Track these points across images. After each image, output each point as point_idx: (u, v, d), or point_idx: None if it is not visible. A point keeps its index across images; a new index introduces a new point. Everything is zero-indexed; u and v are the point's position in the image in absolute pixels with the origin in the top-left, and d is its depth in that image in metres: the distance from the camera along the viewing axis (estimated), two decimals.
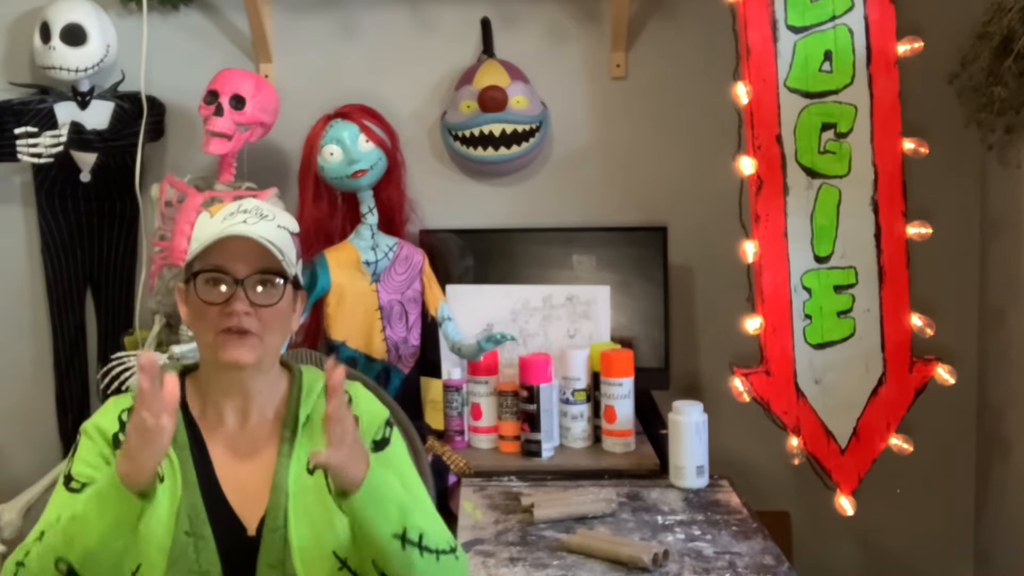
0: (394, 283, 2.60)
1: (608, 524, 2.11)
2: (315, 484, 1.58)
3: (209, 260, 1.54)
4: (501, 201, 2.86)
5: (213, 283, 1.54)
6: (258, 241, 1.52)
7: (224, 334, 1.53)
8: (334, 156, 2.54)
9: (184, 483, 1.56)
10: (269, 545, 1.55)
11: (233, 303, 1.52)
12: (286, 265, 1.55)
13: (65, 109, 2.77)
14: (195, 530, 1.55)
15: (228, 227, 1.54)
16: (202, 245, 1.54)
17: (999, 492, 2.70)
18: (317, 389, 1.64)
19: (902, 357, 2.44)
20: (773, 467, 2.72)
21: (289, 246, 1.58)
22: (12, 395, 2.90)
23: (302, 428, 1.61)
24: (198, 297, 1.54)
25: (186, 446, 1.59)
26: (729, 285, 2.54)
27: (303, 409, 1.62)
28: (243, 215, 1.56)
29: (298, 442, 1.60)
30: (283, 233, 1.58)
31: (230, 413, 1.61)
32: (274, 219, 1.58)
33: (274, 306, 1.55)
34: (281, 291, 1.56)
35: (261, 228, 1.55)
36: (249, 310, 1.53)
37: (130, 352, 2.55)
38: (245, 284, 1.53)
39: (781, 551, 2.00)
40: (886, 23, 2.41)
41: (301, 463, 1.59)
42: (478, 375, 2.51)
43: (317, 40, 2.86)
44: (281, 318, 1.57)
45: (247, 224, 1.54)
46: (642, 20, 2.81)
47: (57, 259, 2.86)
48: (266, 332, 1.55)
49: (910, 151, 2.43)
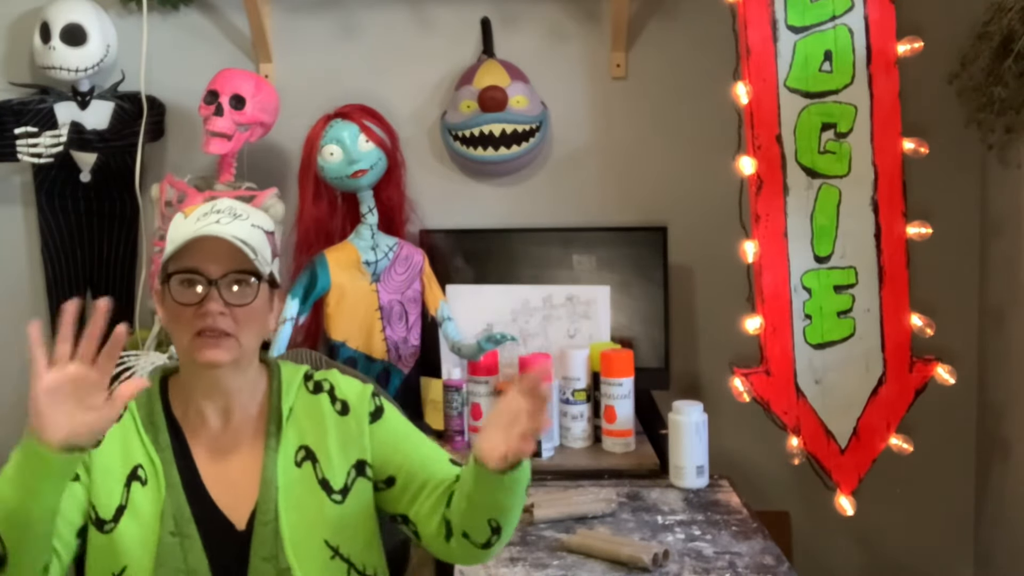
0: (394, 283, 2.60)
1: (608, 524, 2.11)
2: (302, 475, 1.60)
3: (183, 261, 1.54)
4: (501, 201, 2.86)
5: (187, 284, 1.54)
6: (231, 241, 1.52)
7: (199, 336, 1.53)
8: (334, 156, 2.54)
9: (167, 485, 1.57)
10: (261, 538, 1.56)
11: (207, 304, 1.52)
12: (260, 264, 1.55)
13: (65, 109, 2.77)
14: (180, 530, 1.55)
15: (201, 227, 1.54)
16: (175, 246, 1.54)
17: (999, 492, 2.70)
18: (296, 382, 1.66)
19: (902, 357, 2.44)
20: (773, 467, 2.72)
21: (264, 245, 1.58)
22: (12, 395, 2.90)
23: (286, 421, 1.62)
24: (173, 299, 1.54)
25: (168, 447, 1.60)
26: (729, 285, 2.54)
27: (285, 402, 1.63)
28: (216, 215, 1.56)
29: (283, 435, 1.61)
30: (257, 232, 1.58)
31: (212, 413, 1.62)
32: (248, 218, 1.58)
33: (248, 305, 1.55)
34: (255, 290, 1.56)
35: (234, 228, 1.55)
36: (224, 310, 1.53)
37: (130, 352, 2.55)
38: (219, 284, 1.53)
39: (781, 551, 2.01)
40: (886, 23, 2.41)
41: (288, 456, 1.61)
42: (478, 375, 2.51)
43: (317, 40, 2.86)
44: (257, 317, 1.58)
45: (220, 224, 1.54)
46: (642, 20, 2.81)
47: (57, 259, 2.86)
48: (242, 332, 1.55)
49: (910, 151, 2.43)
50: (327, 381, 1.68)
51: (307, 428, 1.63)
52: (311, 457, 1.62)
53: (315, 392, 1.66)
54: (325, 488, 1.61)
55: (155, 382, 1.65)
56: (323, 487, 1.60)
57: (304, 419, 1.63)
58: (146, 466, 1.58)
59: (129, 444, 1.60)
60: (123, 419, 1.60)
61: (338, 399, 1.66)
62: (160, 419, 1.62)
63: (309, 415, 1.64)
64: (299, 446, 1.62)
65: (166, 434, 1.60)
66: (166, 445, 1.60)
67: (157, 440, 1.60)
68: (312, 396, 1.65)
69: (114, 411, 1.38)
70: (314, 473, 1.61)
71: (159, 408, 1.63)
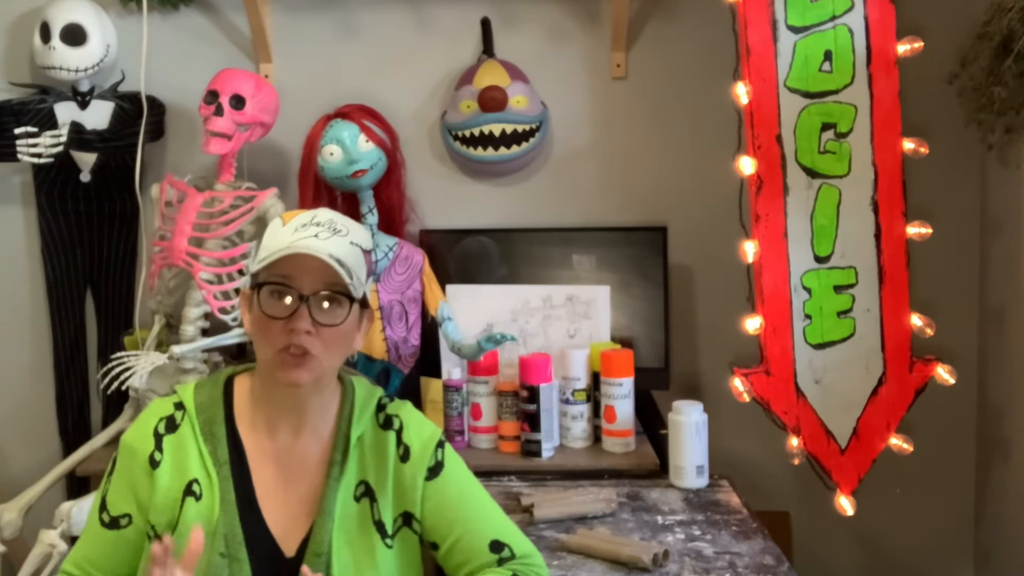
0: (394, 283, 2.60)
1: (608, 524, 2.11)
2: (360, 512, 1.56)
3: (276, 271, 1.49)
4: (501, 201, 2.86)
5: (278, 296, 1.48)
6: (327, 263, 1.47)
7: (284, 353, 1.48)
8: (334, 156, 2.54)
9: (222, 503, 1.52)
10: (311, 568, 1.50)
11: (296, 320, 1.47)
12: (355, 285, 1.50)
13: (65, 109, 2.77)
14: (231, 552, 1.51)
15: (298, 240, 1.48)
16: (273, 255, 1.48)
17: (999, 492, 2.70)
18: (369, 411, 1.60)
19: (902, 357, 2.44)
20: (773, 467, 2.72)
21: (360, 264, 1.52)
22: (12, 395, 2.90)
23: (353, 450, 1.57)
24: (260, 309, 1.49)
25: (226, 463, 1.54)
26: (729, 285, 2.55)
27: (355, 431, 1.57)
28: (315, 228, 1.50)
29: (348, 465, 1.56)
30: (355, 251, 1.52)
31: (283, 428, 1.57)
32: (347, 235, 1.52)
33: (338, 326, 1.50)
34: (347, 311, 1.51)
35: (332, 245, 1.49)
36: (311, 329, 1.48)
37: (130, 352, 2.55)
38: (310, 301, 1.48)
39: (781, 551, 2.01)
40: (886, 23, 2.41)
41: (349, 488, 1.56)
42: (478, 375, 2.51)
43: (317, 40, 2.86)
44: (344, 338, 1.53)
45: (318, 239, 1.48)
46: (642, 20, 2.81)
47: (57, 259, 2.86)
48: (327, 353, 1.50)
49: (910, 151, 2.43)
50: (398, 418, 1.60)
51: (370, 463, 1.57)
52: (370, 495, 1.56)
53: (384, 427, 1.59)
54: (380, 530, 1.56)
55: (219, 385, 1.60)
56: (378, 528, 1.56)
57: (369, 453, 1.58)
58: (202, 480, 1.53)
59: (186, 455, 1.54)
60: (180, 427, 1.55)
61: (403, 443, 1.58)
62: (221, 430, 1.56)
63: (375, 450, 1.58)
64: (360, 480, 1.57)
65: (225, 448, 1.55)
66: (224, 460, 1.54)
67: (216, 453, 1.54)
68: (381, 431, 1.59)
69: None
70: (371, 512, 1.56)
71: (221, 416, 1.57)
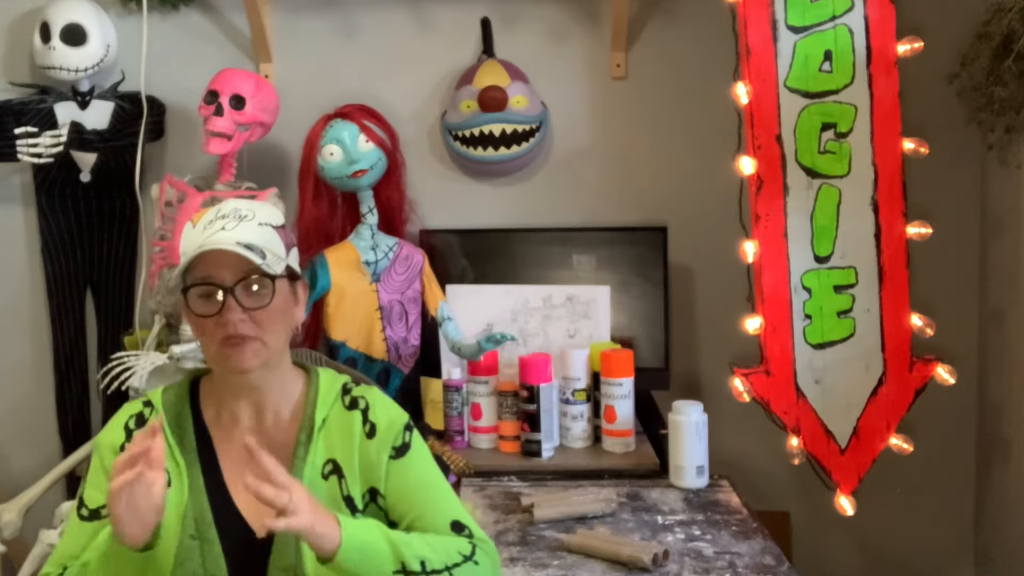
0: (394, 283, 2.60)
1: (608, 524, 2.11)
2: (328, 489, 1.58)
3: (196, 273, 1.53)
4: (501, 201, 2.86)
5: (205, 295, 1.53)
6: (237, 252, 1.50)
7: (224, 345, 1.53)
8: (334, 156, 2.54)
9: (190, 487, 1.56)
10: (281, 548, 1.55)
11: (227, 313, 1.51)
12: (270, 265, 1.53)
13: (65, 109, 2.77)
14: (200, 534, 1.55)
15: (208, 237, 1.53)
16: (187, 259, 1.53)
17: (999, 492, 2.70)
18: (333, 394, 1.63)
19: (902, 357, 2.44)
20: (773, 467, 2.72)
21: (274, 241, 1.56)
22: (12, 395, 2.90)
23: (318, 431, 1.60)
24: (193, 312, 1.54)
25: (193, 450, 1.59)
26: (729, 285, 2.55)
27: (319, 413, 1.61)
28: (221, 221, 1.55)
29: (313, 446, 1.59)
30: (265, 230, 1.56)
31: (245, 411, 1.61)
32: (253, 218, 1.56)
33: (268, 307, 1.54)
34: (271, 290, 1.54)
35: (240, 232, 1.53)
36: (243, 316, 1.52)
37: (130, 352, 2.55)
38: (235, 291, 1.52)
39: (781, 551, 2.01)
40: (886, 23, 2.41)
41: (316, 467, 1.58)
42: (478, 375, 2.51)
43: (317, 40, 2.86)
44: (279, 315, 1.56)
45: (225, 231, 1.53)
46: (642, 20, 2.81)
47: (57, 259, 2.86)
48: (265, 333, 1.54)
49: (910, 151, 2.43)
50: (363, 399, 1.64)
51: (337, 442, 1.60)
52: (338, 472, 1.59)
53: (350, 408, 1.63)
54: (349, 505, 1.58)
55: (185, 385, 1.65)
56: (347, 504, 1.58)
57: (335, 433, 1.61)
58: (171, 468, 1.57)
59: None
60: (149, 421, 1.60)
61: (369, 420, 1.61)
62: (187, 421, 1.61)
63: (340, 430, 1.61)
64: (328, 459, 1.59)
65: (192, 436, 1.60)
66: (191, 447, 1.59)
67: (183, 442, 1.59)
68: (346, 412, 1.62)
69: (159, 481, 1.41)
70: (339, 488, 1.58)
71: (187, 411, 1.62)
